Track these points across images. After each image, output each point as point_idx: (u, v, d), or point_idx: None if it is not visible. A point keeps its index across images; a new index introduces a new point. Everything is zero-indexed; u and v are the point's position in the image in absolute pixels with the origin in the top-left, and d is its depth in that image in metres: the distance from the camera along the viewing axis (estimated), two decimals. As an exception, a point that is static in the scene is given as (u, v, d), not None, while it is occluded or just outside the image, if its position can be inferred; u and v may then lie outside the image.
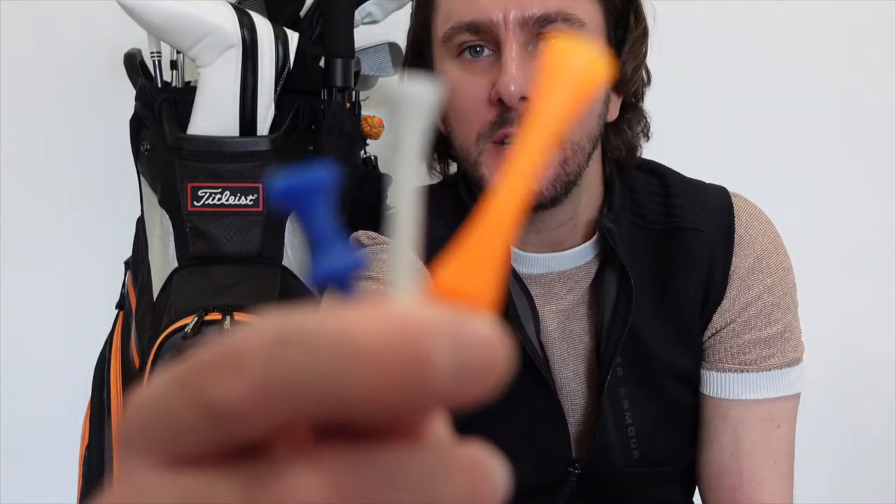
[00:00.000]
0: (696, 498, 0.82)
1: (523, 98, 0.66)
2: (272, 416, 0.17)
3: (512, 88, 0.65)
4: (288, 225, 0.80)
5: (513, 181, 0.21)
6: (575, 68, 0.22)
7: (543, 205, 0.70)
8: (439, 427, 0.20)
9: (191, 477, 0.18)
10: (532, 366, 0.72)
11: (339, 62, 0.83)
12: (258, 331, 0.17)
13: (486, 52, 0.68)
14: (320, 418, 0.17)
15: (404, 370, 0.17)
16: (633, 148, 0.79)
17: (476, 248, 0.20)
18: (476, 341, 0.17)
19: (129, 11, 0.76)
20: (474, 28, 0.67)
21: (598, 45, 0.20)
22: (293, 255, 0.81)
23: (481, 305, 0.20)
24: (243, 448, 0.18)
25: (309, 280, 0.19)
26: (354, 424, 0.18)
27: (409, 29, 0.79)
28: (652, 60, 0.77)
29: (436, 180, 0.86)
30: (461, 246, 0.21)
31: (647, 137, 0.80)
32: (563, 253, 0.75)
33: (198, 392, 0.17)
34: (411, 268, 0.20)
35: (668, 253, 0.75)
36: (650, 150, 0.81)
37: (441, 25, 0.70)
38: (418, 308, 0.18)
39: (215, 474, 0.18)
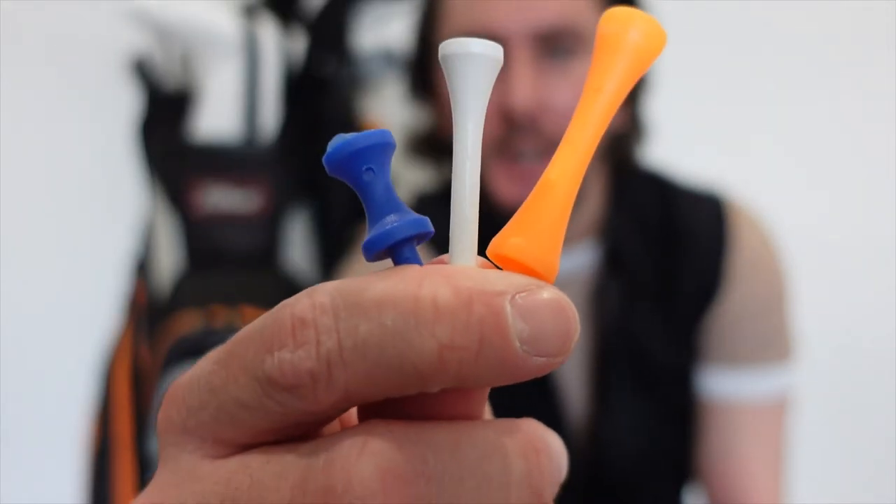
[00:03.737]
0: (696, 497, 0.82)
1: (532, 113, 0.65)
2: (336, 388, 0.16)
3: (520, 104, 0.64)
4: (292, 226, 0.80)
5: (572, 150, 0.20)
6: (632, 37, 0.21)
7: None
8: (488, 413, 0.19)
9: (239, 463, 0.17)
10: None
11: (335, 57, 0.83)
12: (319, 297, 0.16)
13: None
14: (383, 389, 0.16)
15: (477, 332, 0.16)
16: (633, 151, 0.79)
17: (536, 217, 0.20)
18: (547, 307, 0.17)
19: (135, 14, 0.77)
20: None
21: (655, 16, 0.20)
22: (297, 256, 0.81)
23: (542, 274, 0.19)
24: (296, 429, 0.17)
25: (364, 248, 0.18)
26: (411, 404, 0.17)
27: (414, 36, 0.78)
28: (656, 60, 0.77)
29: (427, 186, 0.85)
30: (521, 214, 0.20)
31: (648, 140, 0.80)
32: (565, 254, 0.76)
33: (255, 367, 0.16)
34: (472, 234, 0.19)
35: (667, 255, 0.75)
36: (650, 152, 0.81)
37: (449, 35, 0.70)
38: (485, 274, 0.17)
39: (265, 459, 0.17)
